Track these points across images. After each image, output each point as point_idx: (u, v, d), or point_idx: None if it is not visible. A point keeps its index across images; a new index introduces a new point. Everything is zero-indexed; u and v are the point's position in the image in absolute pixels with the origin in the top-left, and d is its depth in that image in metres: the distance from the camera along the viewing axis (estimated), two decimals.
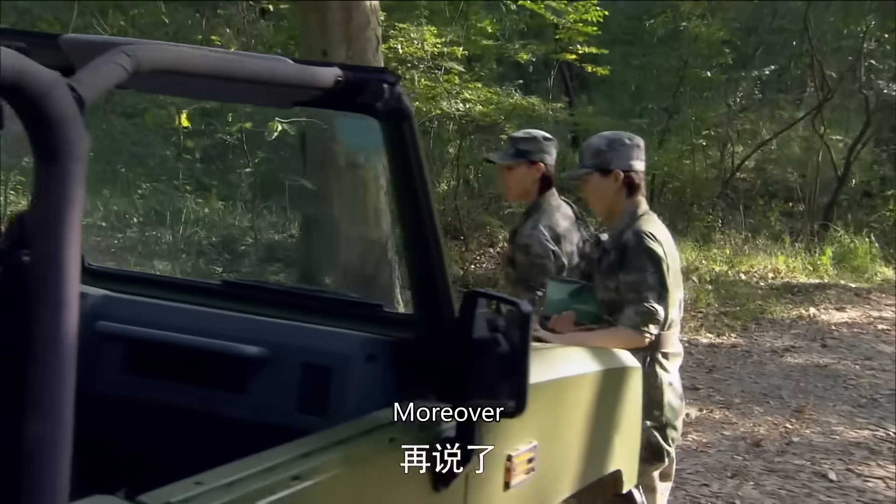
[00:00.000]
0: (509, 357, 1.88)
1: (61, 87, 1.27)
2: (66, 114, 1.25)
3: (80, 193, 1.23)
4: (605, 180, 3.39)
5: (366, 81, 1.84)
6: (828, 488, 5.32)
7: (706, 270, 12.09)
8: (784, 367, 8.09)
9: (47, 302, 1.20)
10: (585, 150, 3.49)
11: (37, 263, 1.22)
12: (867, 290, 12.43)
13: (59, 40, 1.91)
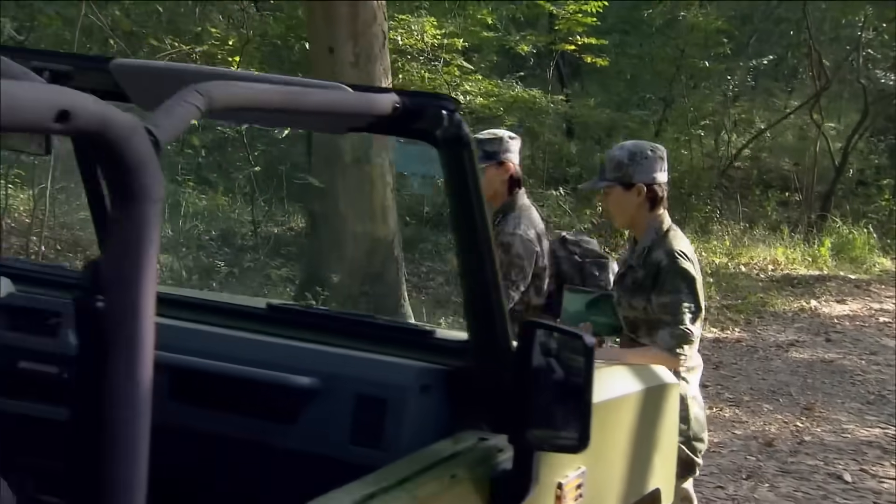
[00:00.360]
0: (570, 389, 1.84)
1: (140, 131, 1.22)
2: (144, 158, 1.21)
3: (155, 236, 1.20)
4: (627, 194, 3.32)
5: (424, 108, 1.79)
6: (843, 490, 5.29)
7: (706, 262, 12.06)
8: (790, 362, 8.08)
9: (122, 349, 1.17)
10: (607, 162, 3.40)
11: (112, 310, 1.19)
12: (867, 281, 12.44)
13: (109, 66, 1.86)
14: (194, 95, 1.37)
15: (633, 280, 3.34)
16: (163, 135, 1.25)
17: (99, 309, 1.25)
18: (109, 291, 1.18)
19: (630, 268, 3.38)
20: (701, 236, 13.42)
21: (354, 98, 1.71)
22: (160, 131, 1.26)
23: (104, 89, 2.09)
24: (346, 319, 2.21)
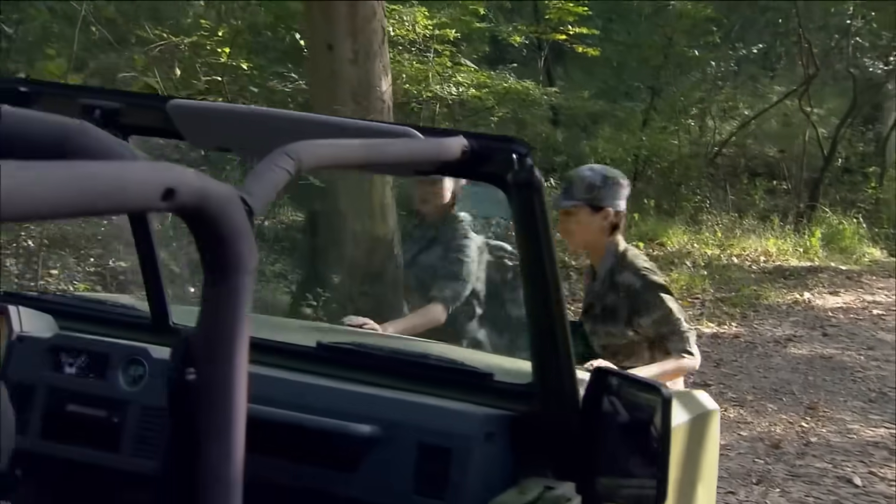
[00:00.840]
0: (643, 438, 1.78)
1: (236, 202, 1.16)
2: (239, 228, 1.15)
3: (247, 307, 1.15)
4: (594, 217, 3.31)
5: (493, 151, 1.73)
6: (855, 494, 5.27)
7: (699, 254, 12.05)
8: (790, 358, 8.06)
9: (215, 424, 1.13)
10: (577, 181, 3.34)
11: (204, 384, 1.14)
12: (858, 272, 12.46)
13: (166, 106, 1.79)
14: (284, 159, 1.32)
15: (604, 307, 3.38)
16: (256, 203, 1.20)
17: (190, 382, 1.22)
18: (202, 364, 1.15)
19: (597, 295, 3.40)
20: (692, 227, 13.41)
21: (428, 146, 1.67)
22: (254, 200, 1.20)
23: (154, 126, 2.02)
24: (401, 360, 2.13)
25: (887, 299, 11.06)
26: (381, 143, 1.59)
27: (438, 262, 3.88)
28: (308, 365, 2.13)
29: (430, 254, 3.93)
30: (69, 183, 0.95)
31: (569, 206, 3.32)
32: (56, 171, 0.93)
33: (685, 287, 10.41)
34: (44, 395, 2.11)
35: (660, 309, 3.29)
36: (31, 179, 0.90)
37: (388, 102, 7.19)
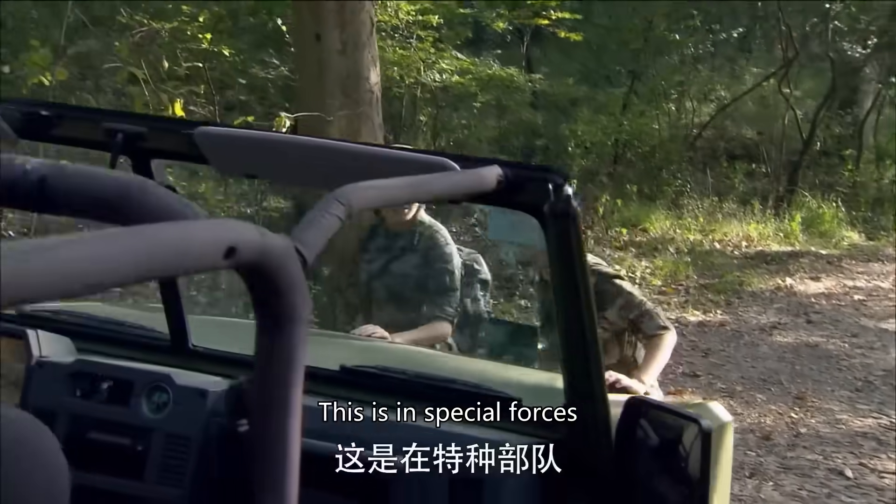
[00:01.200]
0: (679, 470, 1.77)
1: (292, 254, 1.14)
2: (295, 280, 1.14)
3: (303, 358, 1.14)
4: None
5: (528, 180, 1.71)
6: (847, 487, 5.31)
7: (681, 240, 12.09)
8: (776, 347, 8.11)
9: (269, 476, 1.12)
10: None
11: (258, 435, 1.13)
12: (838, 256, 12.55)
13: (194, 133, 1.76)
14: (335, 205, 1.30)
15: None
16: (310, 253, 1.18)
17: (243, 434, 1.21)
18: (255, 415, 1.13)
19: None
20: (673, 211, 13.45)
21: (466, 179, 1.65)
22: (307, 249, 1.19)
23: (177, 151, 1.99)
24: (428, 385, 2.11)
25: (867, 284, 11.15)
26: (424, 181, 1.56)
27: (418, 272, 3.78)
28: (331, 389, 2.10)
29: (404, 263, 3.81)
30: (136, 250, 0.92)
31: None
32: (123, 240, 0.91)
33: (669, 274, 10.45)
34: (65, 422, 2.08)
35: (620, 296, 3.40)
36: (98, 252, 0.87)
37: (376, 93, 7.15)
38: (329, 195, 1.30)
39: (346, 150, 1.78)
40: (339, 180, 2.06)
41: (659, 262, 10.81)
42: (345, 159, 1.78)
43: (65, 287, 0.84)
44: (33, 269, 0.79)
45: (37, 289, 0.81)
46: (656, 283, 10.12)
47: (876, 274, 11.76)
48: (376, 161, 1.77)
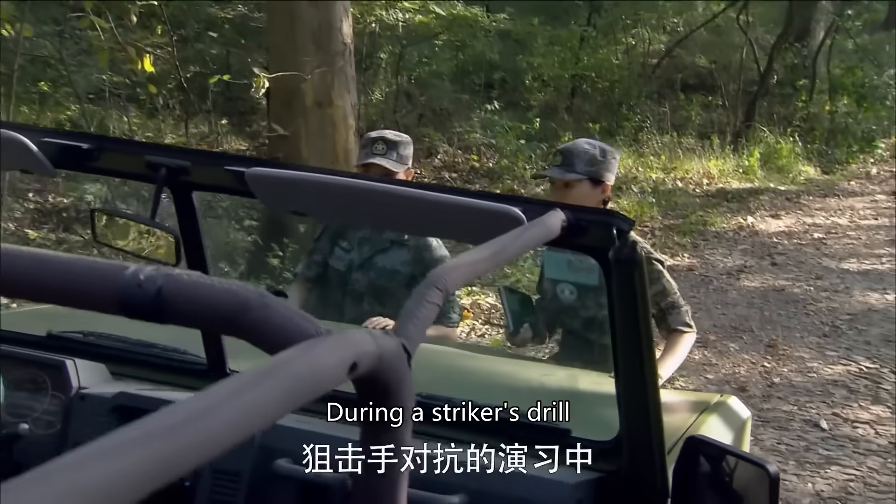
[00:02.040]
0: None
1: (400, 353, 1.15)
2: (401, 378, 1.14)
3: (409, 451, 1.15)
4: (593, 191, 3.29)
5: (592, 224, 1.70)
6: (823, 439, 5.46)
7: (644, 179, 12.17)
8: (744, 292, 8.25)
9: None
10: (577, 154, 3.27)
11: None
12: (795, 193, 12.73)
13: (245, 175, 1.72)
14: (433, 293, 1.28)
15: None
16: (413, 346, 1.17)
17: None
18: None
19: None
20: (634, 147, 13.49)
21: (536, 232, 1.63)
22: (411, 343, 1.18)
23: (220, 185, 1.94)
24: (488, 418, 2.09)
25: (826, 221, 11.34)
26: (503, 246, 1.54)
27: (409, 269, 3.65)
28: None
29: (392, 257, 3.68)
30: (277, 387, 0.92)
31: (571, 179, 3.26)
32: (266, 384, 0.90)
33: (635, 215, 10.52)
34: None
35: (658, 283, 3.32)
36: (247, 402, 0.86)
37: (349, 45, 7.03)
38: (426, 281, 1.28)
39: (401, 194, 1.74)
40: (392, 221, 2.04)
41: (624, 203, 10.87)
42: (399, 203, 1.75)
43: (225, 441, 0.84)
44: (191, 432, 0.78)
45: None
46: None
47: (833, 210, 11.95)
48: (430, 206, 1.74)
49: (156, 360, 2.28)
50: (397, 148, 3.55)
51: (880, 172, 14.88)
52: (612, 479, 1.93)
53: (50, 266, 1.18)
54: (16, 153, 1.83)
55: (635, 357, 1.79)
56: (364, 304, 3.69)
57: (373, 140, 3.58)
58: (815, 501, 4.78)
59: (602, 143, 3.40)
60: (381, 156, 3.53)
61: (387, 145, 3.55)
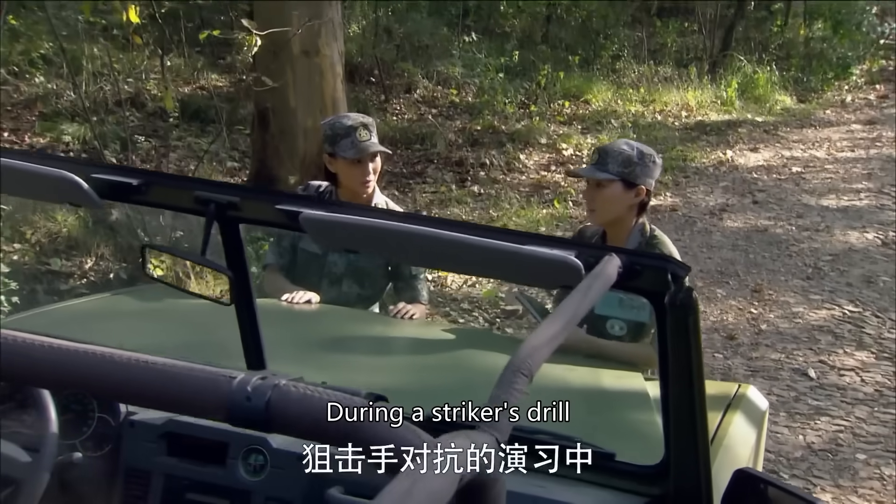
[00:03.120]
0: None
1: (498, 452, 1.19)
2: (498, 476, 1.19)
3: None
4: (626, 193, 3.27)
5: (647, 268, 1.73)
6: (812, 388, 5.60)
7: (623, 112, 12.16)
8: (728, 234, 8.33)
9: None
10: (612, 154, 3.26)
11: None
12: (773, 124, 12.78)
13: (299, 218, 1.73)
14: (520, 380, 1.31)
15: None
16: (505, 438, 1.21)
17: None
18: None
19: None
20: (611, 77, 13.46)
21: (597, 286, 1.64)
22: (503, 436, 1.22)
23: (268, 220, 1.95)
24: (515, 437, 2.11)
25: (804, 154, 11.42)
26: (574, 311, 1.55)
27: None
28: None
29: None
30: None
31: (602, 179, 3.26)
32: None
33: None
34: (161, 482, 2.09)
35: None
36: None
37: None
38: (511, 367, 1.29)
39: (458, 241, 1.74)
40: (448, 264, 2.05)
41: (604, 138, 10.88)
42: (455, 250, 1.76)
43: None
44: None
45: None
46: None
47: (811, 142, 12.03)
48: (483, 253, 1.74)
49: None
50: (374, 130, 3.62)
51: (855, 100, 14.96)
52: (658, 502, 1.98)
53: (159, 374, 1.20)
54: (67, 188, 1.83)
55: (687, 391, 1.82)
56: (342, 285, 3.71)
57: (353, 129, 3.56)
58: (806, 454, 4.91)
59: (642, 146, 3.35)
60: (370, 141, 3.58)
61: (368, 130, 3.59)
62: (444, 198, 8.79)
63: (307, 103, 6.90)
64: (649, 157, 3.28)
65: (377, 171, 3.67)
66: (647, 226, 3.36)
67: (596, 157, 3.31)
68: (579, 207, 8.82)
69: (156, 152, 9.53)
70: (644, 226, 3.35)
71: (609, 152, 3.28)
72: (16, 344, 1.20)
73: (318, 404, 1.15)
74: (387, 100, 11.35)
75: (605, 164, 3.26)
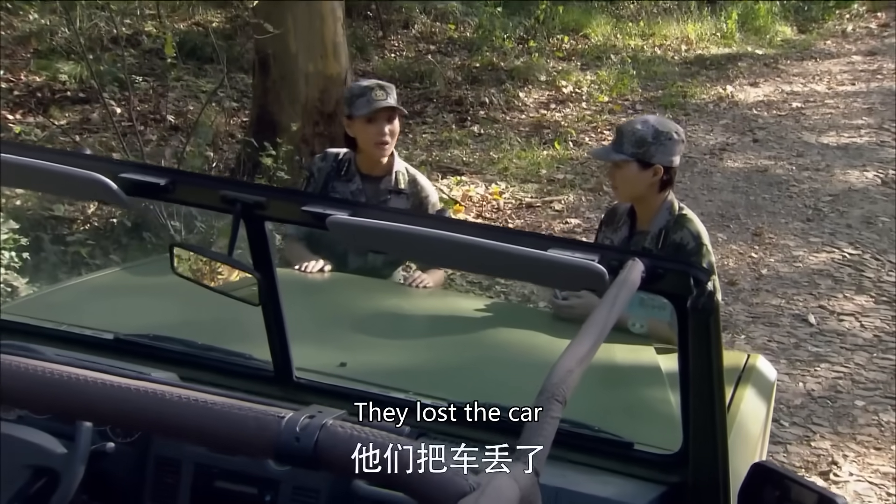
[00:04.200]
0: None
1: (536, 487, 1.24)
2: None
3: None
4: (642, 173, 3.25)
5: (669, 273, 1.77)
6: (811, 335, 5.67)
7: (623, 46, 12.07)
8: (729, 175, 8.35)
9: None
10: (626, 134, 3.25)
11: None
12: (773, 57, 12.70)
13: (327, 222, 1.75)
14: (555, 407, 1.34)
15: None
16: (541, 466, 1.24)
17: None
18: None
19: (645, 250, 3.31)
20: (610, 9, 13.31)
21: (623, 295, 1.67)
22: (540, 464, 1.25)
23: (292, 218, 1.98)
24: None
25: (804, 88, 11.38)
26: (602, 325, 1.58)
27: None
28: (443, 426, 2.15)
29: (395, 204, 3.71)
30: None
31: (617, 160, 3.26)
32: None
33: (614, 87, 10.49)
34: (191, 470, 2.14)
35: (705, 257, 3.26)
36: None
37: None
38: (545, 394, 1.32)
39: (485, 247, 1.76)
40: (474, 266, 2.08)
41: (603, 74, 10.82)
42: (481, 254, 1.78)
43: None
44: None
45: None
46: (603, 100, 10.18)
47: (811, 75, 11.97)
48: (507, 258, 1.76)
49: (223, 366, 2.35)
50: (392, 92, 3.66)
51: (856, 29, 14.84)
52: (676, 490, 2.03)
53: (208, 412, 1.24)
54: (97, 189, 1.86)
55: (707, 388, 1.87)
56: (368, 255, 3.73)
57: (369, 88, 3.63)
58: (806, 401, 5.01)
59: (661, 123, 3.32)
60: (384, 100, 3.62)
61: (384, 91, 3.63)
62: (444, 139, 8.77)
63: (308, 48, 6.85)
64: (665, 136, 3.24)
65: (394, 135, 3.69)
66: (675, 204, 3.34)
67: (614, 136, 3.32)
68: (580, 148, 8.82)
69: (154, 92, 9.48)
70: (672, 204, 3.33)
71: (624, 132, 3.27)
72: (70, 381, 1.24)
73: (367, 447, 1.19)
74: (384, 36, 11.25)
75: (620, 144, 3.25)
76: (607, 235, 3.50)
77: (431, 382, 2.44)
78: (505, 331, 2.99)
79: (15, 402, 1.58)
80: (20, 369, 1.22)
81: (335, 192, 3.71)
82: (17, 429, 2.04)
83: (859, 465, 4.49)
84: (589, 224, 7.10)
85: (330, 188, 3.72)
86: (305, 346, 2.36)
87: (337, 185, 3.73)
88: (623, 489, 2.03)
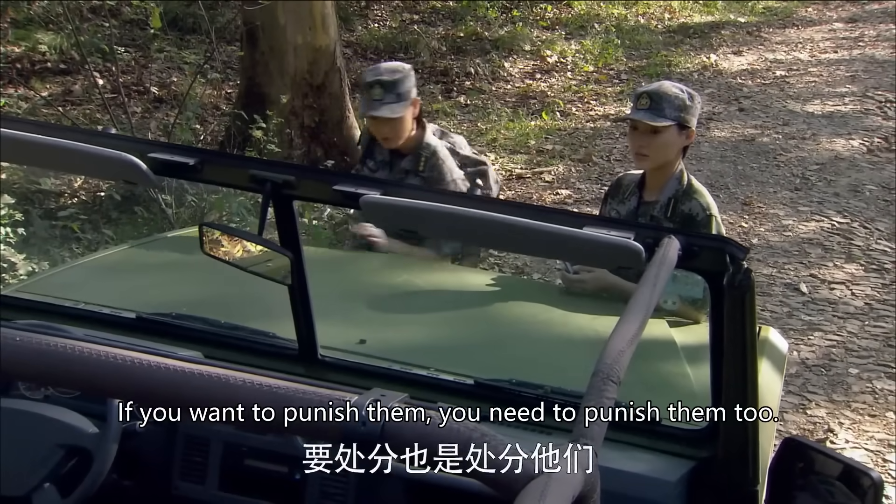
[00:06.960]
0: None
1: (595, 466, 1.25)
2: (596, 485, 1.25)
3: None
4: (679, 136, 3.25)
5: (705, 250, 1.77)
6: (804, 304, 5.72)
7: (606, 15, 12.04)
8: (717, 144, 8.37)
9: None
10: (666, 99, 3.21)
11: None
12: (755, 24, 12.71)
13: (360, 201, 1.75)
14: (611, 387, 1.35)
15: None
16: (599, 446, 1.25)
17: None
18: None
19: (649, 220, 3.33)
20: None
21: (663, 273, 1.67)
22: (597, 445, 1.26)
23: (321, 197, 1.97)
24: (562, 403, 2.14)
25: (787, 56, 11.39)
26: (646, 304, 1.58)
27: None
28: (464, 401, 2.16)
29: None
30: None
31: (660, 125, 3.20)
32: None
33: (599, 57, 10.48)
34: (220, 449, 2.14)
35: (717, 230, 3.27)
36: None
37: None
38: (599, 375, 1.33)
39: (520, 226, 1.75)
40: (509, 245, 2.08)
41: (587, 44, 10.81)
42: (516, 233, 1.78)
43: None
44: None
45: None
46: (588, 70, 10.17)
47: (793, 43, 11.98)
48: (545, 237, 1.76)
49: (247, 344, 2.34)
50: (395, 87, 3.56)
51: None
52: (705, 465, 2.05)
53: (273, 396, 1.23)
54: (125, 169, 1.85)
55: (741, 360, 1.88)
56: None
57: (370, 85, 3.58)
58: (801, 370, 5.06)
59: (687, 87, 3.34)
60: (380, 102, 3.55)
61: (384, 88, 3.55)
62: (432, 110, 8.74)
63: (296, 20, 6.80)
64: (696, 99, 3.29)
65: (397, 129, 3.63)
66: (684, 174, 3.34)
67: (647, 101, 3.23)
68: (568, 119, 8.81)
69: (136, 64, 9.38)
70: (682, 174, 3.33)
71: (663, 97, 3.23)
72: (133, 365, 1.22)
73: (433, 433, 1.19)
74: (368, 6, 11.17)
75: (660, 109, 3.21)
76: (614, 207, 3.50)
77: (451, 358, 2.45)
78: (517, 305, 2.99)
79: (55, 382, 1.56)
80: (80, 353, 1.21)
81: (373, 157, 3.85)
82: (48, 408, 2.03)
83: (855, 432, 4.55)
84: (580, 195, 7.12)
85: (369, 152, 3.87)
86: (325, 323, 2.36)
87: (375, 150, 3.85)
88: (653, 465, 2.05)
